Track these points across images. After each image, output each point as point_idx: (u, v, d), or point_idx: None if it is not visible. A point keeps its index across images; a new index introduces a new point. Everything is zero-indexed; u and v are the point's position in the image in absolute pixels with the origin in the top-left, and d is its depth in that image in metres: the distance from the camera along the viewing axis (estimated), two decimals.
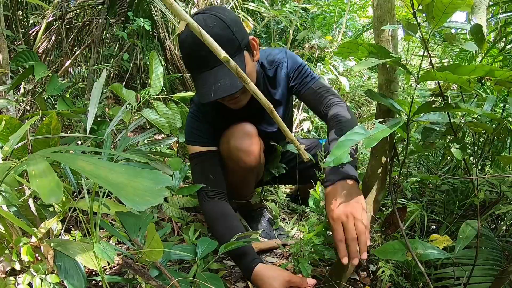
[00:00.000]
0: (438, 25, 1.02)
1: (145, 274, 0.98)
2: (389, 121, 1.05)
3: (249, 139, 1.70)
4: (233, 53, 1.42)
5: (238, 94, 1.52)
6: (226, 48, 1.20)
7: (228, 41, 1.41)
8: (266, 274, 1.38)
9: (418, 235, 1.61)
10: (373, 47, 1.09)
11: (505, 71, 0.95)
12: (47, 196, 0.53)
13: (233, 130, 1.71)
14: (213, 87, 1.41)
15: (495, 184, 1.55)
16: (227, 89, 1.41)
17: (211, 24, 1.40)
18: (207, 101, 1.43)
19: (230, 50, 1.37)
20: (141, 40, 3.51)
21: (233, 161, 1.71)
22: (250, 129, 1.72)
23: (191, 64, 1.48)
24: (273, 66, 1.78)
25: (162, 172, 1.74)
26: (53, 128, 1.46)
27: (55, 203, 1.34)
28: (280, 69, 1.78)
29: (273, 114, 1.00)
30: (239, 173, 1.76)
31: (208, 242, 1.43)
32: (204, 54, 1.37)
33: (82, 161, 0.65)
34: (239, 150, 1.68)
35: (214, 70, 1.43)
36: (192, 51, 1.42)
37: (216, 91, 1.41)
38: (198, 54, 1.40)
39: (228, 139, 1.70)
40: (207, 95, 1.42)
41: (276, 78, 1.79)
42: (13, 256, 1.07)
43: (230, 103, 1.60)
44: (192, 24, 0.79)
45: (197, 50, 1.39)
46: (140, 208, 0.52)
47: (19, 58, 2.19)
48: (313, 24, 5.33)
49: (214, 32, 1.36)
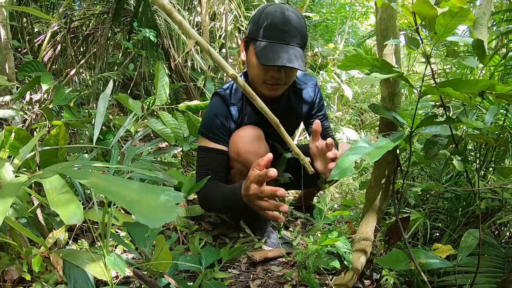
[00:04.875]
0: (440, 40, 1.05)
1: (155, 285, 1.00)
2: (392, 134, 1.08)
3: (257, 142, 1.78)
4: (304, 45, 1.70)
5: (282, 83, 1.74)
6: (304, 39, 1.69)
7: (306, 34, 1.71)
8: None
9: (421, 243, 1.62)
10: (376, 61, 1.12)
11: (506, 86, 0.97)
12: (68, 218, 0.55)
13: (242, 133, 1.80)
14: (286, 57, 1.61)
15: (498, 192, 1.56)
16: (297, 64, 1.61)
17: (299, 15, 1.68)
18: (277, 64, 1.60)
19: (305, 41, 1.70)
20: (146, 49, 3.54)
21: (241, 163, 1.77)
22: (258, 133, 1.81)
23: (270, 33, 1.65)
24: (305, 85, 2.01)
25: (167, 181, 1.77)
26: (61, 139, 1.48)
27: None
28: (308, 91, 2.02)
29: (279, 129, 1.02)
30: (246, 174, 1.79)
31: (213, 251, 1.45)
32: (287, 30, 1.62)
33: (95, 177, 0.67)
34: (247, 152, 1.74)
35: (289, 46, 1.64)
36: (279, 24, 1.63)
37: (289, 60, 1.61)
38: (283, 28, 1.63)
39: (237, 142, 1.78)
40: (279, 60, 1.60)
41: (302, 95, 2.00)
42: (23, 267, 1.09)
43: (271, 87, 1.77)
44: (201, 43, 0.81)
45: (283, 24, 1.63)
46: (154, 225, 0.54)
47: (26, 68, 2.22)
48: (315, 32, 5.36)
49: (302, 21, 1.68)
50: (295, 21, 1.66)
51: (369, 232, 1.41)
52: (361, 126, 5.24)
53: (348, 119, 4.89)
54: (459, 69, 3.05)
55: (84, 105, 3.19)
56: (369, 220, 1.40)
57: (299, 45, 1.67)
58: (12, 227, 1.07)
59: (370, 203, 1.37)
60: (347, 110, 5.24)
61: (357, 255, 1.45)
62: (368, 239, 1.41)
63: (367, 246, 1.42)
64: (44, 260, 1.14)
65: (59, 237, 1.30)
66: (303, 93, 2.00)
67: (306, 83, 2.01)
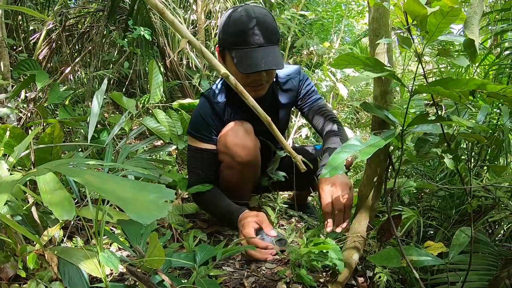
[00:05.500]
0: (432, 39, 1.06)
1: (148, 282, 1.01)
2: (383, 132, 1.09)
3: (246, 135, 1.81)
4: (277, 41, 1.70)
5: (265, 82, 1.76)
6: (276, 35, 1.70)
7: (277, 30, 1.71)
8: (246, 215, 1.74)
9: (414, 241, 1.63)
10: (368, 60, 1.13)
11: (497, 85, 0.98)
12: (61, 214, 0.56)
13: (230, 127, 1.83)
14: (263, 60, 1.62)
15: (491, 190, 1.57)
16: (275, 63, 1.65)
17: (266, 13, 1.69)
18: (257, 70, 1.62)
19: (277, 38, 1.71)
20: (141, 48, 3.54)
21: (230, 155, 1.80)
22: (246, 127, 1.84)
23: (242, 40, 1.66)
24: (287, 77, 2.01)
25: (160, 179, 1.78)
26: (55, 137, 1.49)
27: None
28: (291, 81, 2.01)
29: (271, 127, 1.03)
30: (235, 168, 1.82)
31: (207, 249, 1.45)
32: (257, 33, 1.63)
33: (89, 175, 0.68)
34: (235, 145, 1.77)
35: (263, 48, 1.65)
36: (248, 28, 1.63)
37: (266, 63, 1.62)
38: (253, 32, 1.63)
39: (225, 135, 1.81)
40: (257, 65, 1.62)
41: (287, 87, 2.01)
42: (18, 264, 1.09)
43: (255, 89, 1.78)
44: (193, 42, 0.82)
45: (253, 28, 1.63)
46: (146, 222, 0.55)
47: (21, 66, 2.22)
48: (311, 30, 5.37)
49: (270, 18, 1.69)
50: (263, 20, 1.67)
51: (362, 230, 1.42)
52: (356, 124, 5.26)
53: (343, 118, 4.91)
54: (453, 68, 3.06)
55: (79, 103, 3.19)
56: (362, 217, 1.41)
57: (273, 42, 1.69)
58: (7, 225, 1.08)
59: (363, 201, 1.38)
60: (342, 109, 5.25)
61: (350, 252, 1.46)
62: (361, 237, 1.42)
63: (360, 244, 1.43)
64: (39, 258, 1.14)
65: (54, 235, 1.30)
66: (287, 85, 2.02)
67: (289, 75, 2.02)
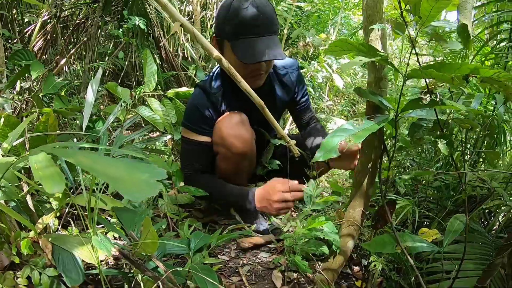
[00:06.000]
0: (425, 24, 1.06)
1: (141, 265, 1.01)
2: (377, 117, 1.09)
3: (241, 126, 1.81)
4: (277, 31, 1.72)
5: (263, 72, 1.78)
6: (277, 25, 1.71)
7: (277, 20, 1.72)
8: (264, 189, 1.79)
9: (410, 230, 1.64)
10: (362, 45, 1.13)
11: (490, 69, 0.98)
12: (51, 187, 0.56)
13: (226, 118, 1.83)
14: (266, 50, 1.63)
15: (486, 181, 1.58)
16: (279, 54, 1.66)
17: (266, 2, 1.69)
18: (260, 60, 1.64)
19: (277, 27, 1.72)
20: (136, 39, 3.52)
21: (226, 147, 1.79)
22: (242, 117, 1.83)
23: (245, 29, 1.66)
24: (285, 70, 2.02)
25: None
26: (50, 125, 1.48)
27: (53, 198, 1.37)
28: (289, 76, 2.03)
29: (264, 111, 1.03)
30: (231, 160, 1.82)
31: (202, 236, 1.46)
32: (260, 23, 1.63)
33: (81, 156, 0.68)
34: (231, 136, 1.77)
35: (265, 38, 1.66)
36: (250, 18, 1.63)
37: (270, 53, 1.63)
38: (255, 22, 1.63)
39: (221, 127, 1.80)
40: (262, 55, 1.63)
41: (284, 80, 2.02)
42: (12, 250, 1.10)
43: (254, 79, 1.78)
44: (186, 25, 0.82)
45: (255, 18, 1.62)
46: (137, 199, 0.56)
47: (15, 57, 2.21)
48: (307, 22, 5.35)
49: (270, 8, 1.69)
50: (264, 10, 1.67)
51: (356, 217, 1.43)
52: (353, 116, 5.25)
53: (340, 110, 4.91)
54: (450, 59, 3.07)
55: (74, 95, 3.18)
56: (356, 204, 1.42)
57: (274, 32, 1.70)
58: (1, 211, 1.08)
59: (357, 188, 1.38)
60: (339, 101, 5.25)
61: (344, 239, 1.47)
62: (355, 224, 1.43)
63: (355, 231, 1.44)
64: (33, 245, 1.15)
65: (49, 223, 1.30)
66: (284, 78, 2.02)
67: (287, 68, 2.03)
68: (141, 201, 1.86)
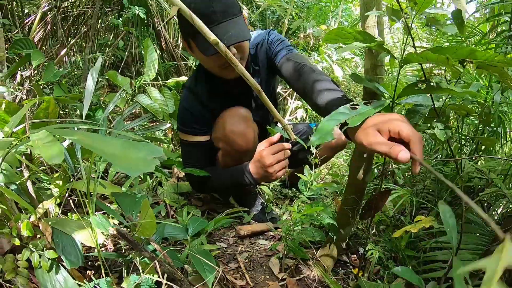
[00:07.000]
0: (421, 10, 1.06)
1: (139, 245, 1.03)
2: (373, 102, 1.10)
3: (244, 123, 1.79)
4: (238, 12, 1.55)
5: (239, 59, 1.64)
6: (237, 6, 1.55)
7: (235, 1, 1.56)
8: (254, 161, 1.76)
9: (407, 221, 1.65)
10: (359, 33, 1.13)
11: (486, 53, 0.98)
12: (50, 157, 0.58)
13: (228, 114, 1.80)
14: (224, 37, 1.49)
15: (485, 172, 1.59)
16: (238, 36, 1.51)
17: None
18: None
19: (238, 8, 1.56)
20: (136, 29, 3.53)
21: (228, 144, 1.79)
22: (245, 113, 1.81)
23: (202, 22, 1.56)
24: (256, 48, 1.89)
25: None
26: (50, 112, 1.50)
27: (54, 185, 1.38)
28: (262, 52, 1.88)
29: (261, 95, 1.04)
30: (233, 156, 1.82)
31: (199, 221, 1.47)
32: (213, 10, 1.48)
33: (81, 135, 0.70)
34: (234, 134, 1.76)
35: (223, 24, 1.51)
36: (203, 8, 1.48)
37: (228, 39, 1.49)
38: (208, 11, 1.48)
39: (223, 123, 1.78)
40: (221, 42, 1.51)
41: (257, 55, 1.89)
42: (12, 232, 1.11)
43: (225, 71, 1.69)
44: (184, 10, 0.83)
45: (208, 7, 1.48)
46: (133, 174, 0.57)
47: (16, 45, 2.22)
48: (309, 14, 5.34)
49: None
50: None
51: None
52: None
53: None
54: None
55: (75, 86, 3.19)
56: (353, 191, 1.43)
57: (234, 14, 1.55)
58: (1, 193, 1.09)
59: (354, 175, 1.39)
60: None
61: (341, 227, 1.48)
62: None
63: (352, 218, 1.45)
64: (34, 228, 1.16)
65: (49, 208, 1.32)
66: (259, 56, 1.90)
67: (258, 44, 1.90)
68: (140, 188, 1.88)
